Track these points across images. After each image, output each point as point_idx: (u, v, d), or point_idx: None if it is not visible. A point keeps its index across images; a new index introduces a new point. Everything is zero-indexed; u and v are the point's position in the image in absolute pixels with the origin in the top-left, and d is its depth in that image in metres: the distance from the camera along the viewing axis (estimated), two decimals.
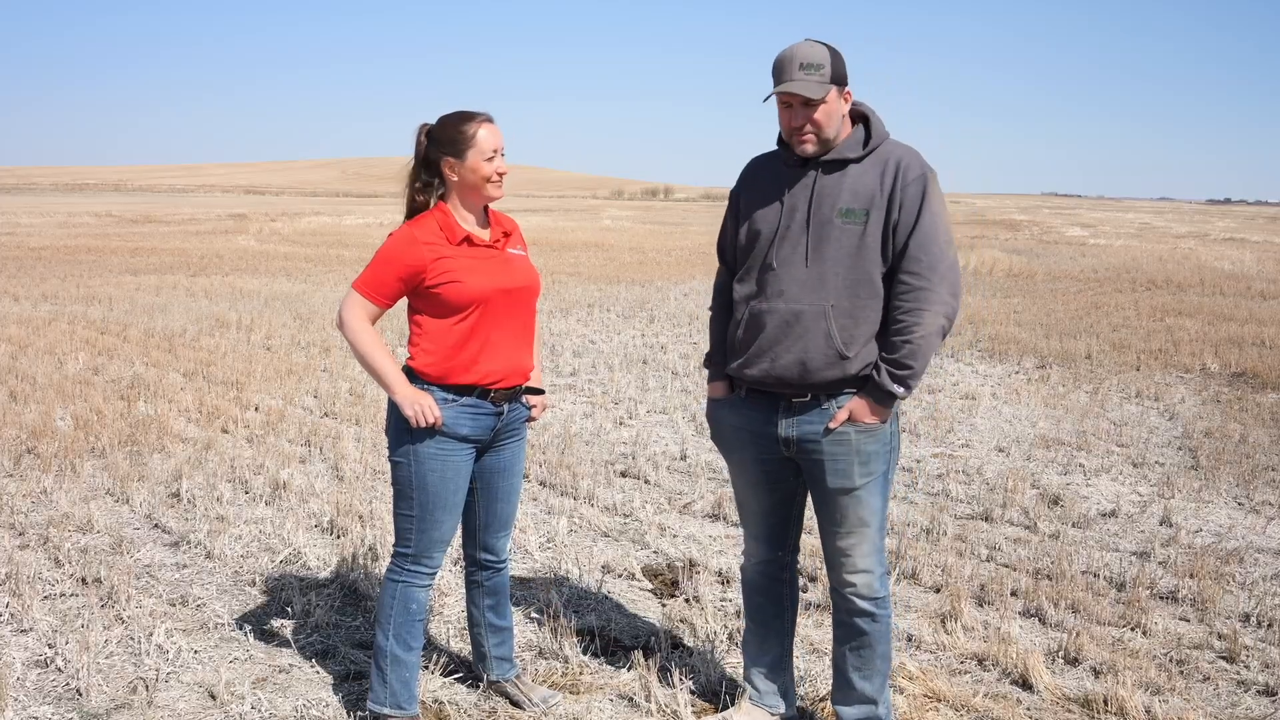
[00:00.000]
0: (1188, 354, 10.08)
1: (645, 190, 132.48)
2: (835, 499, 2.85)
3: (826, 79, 2.71)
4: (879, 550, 2.90)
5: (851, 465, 2.81)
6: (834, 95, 2.73)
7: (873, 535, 2.87)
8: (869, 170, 2.76)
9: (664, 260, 21.20)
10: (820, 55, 2.71)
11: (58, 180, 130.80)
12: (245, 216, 37.83)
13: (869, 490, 2.84)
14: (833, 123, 2.75)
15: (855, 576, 2.89)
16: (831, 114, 2.74)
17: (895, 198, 2.73)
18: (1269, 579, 4.47)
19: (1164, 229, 42.42)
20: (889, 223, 2.73)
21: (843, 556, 2.89)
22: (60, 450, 5.96)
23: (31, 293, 13.82)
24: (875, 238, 2.74)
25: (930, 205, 2.73)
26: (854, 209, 2.74)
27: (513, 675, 3.35)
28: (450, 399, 2.96)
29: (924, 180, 2.74)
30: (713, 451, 6.37)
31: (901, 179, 2.73)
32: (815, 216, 2.77)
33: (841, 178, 2.77)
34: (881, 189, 2.74)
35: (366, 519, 4.92)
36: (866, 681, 2.96)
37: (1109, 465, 6.25)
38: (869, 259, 2.74)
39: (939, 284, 2.71)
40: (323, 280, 16.22)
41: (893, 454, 2.88)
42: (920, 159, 2.79)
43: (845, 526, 2.87)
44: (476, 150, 2.91)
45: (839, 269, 2.74)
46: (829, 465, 2.82)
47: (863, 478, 2.82)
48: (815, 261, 2.76)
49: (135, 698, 3.29)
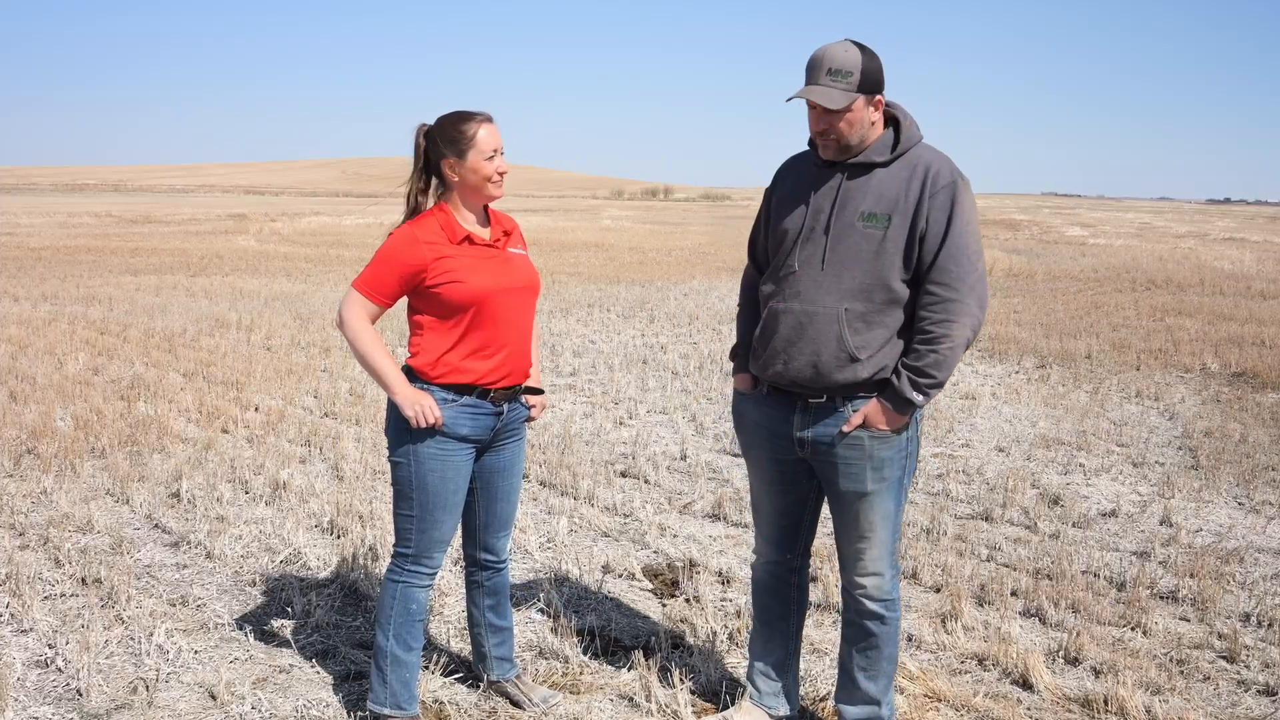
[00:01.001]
0: (1188, 354, 10.08)
1: (645, 190, 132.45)
2: (848, 502, 2.85)
3: (853, 87, 2.66)
4: (891, 554, 2.90)
5: (864, 470, 2.80)
6: (860, 104, 2.68)
7: (885, 539, 2.87)
8: (896, 175, 2.72)
9: (664, 260, 21.20)
10: (852, 62, 2.65)
11: (57, 180, 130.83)
12: (245, 216, 37.83)
13: (881, 495, 2.83)
14: (856, 131, 2.71)
15: (866, 579, 2.89)
16: (856, 122, 2.70)
17: (923, 206, 2.68)
18: (1269, 579, 4.47)
19: (1164, 229, 42.42)
20: (914, 230, 2.69)
21: (855, 559, 2.90)
22: (60, 450, 5.96)
23: (31, 293, 13.81)
24: (897, 243, 2.70)
25: (961, 214, 2.68)
26: (876, 213, 2.71)
27: (513, 675, 3.35)
28: (450, 399, 2.95)
29: (954, 188, 2.69)
30: (712, 451, 6.37)
31: (930, 186, 2.69)
32: (837, 219, 2.74)
33: (867, 181, 2.74)
34: (907, 195, 2.70)
35: (366, 519, 4.92)
36: (871, 682, 2.96)
37: (1109, 465, 6.25)
38: (888, 264, 2.71)
39: (968, 295, 2.68)
40: (323, 280, 16.22)
41: (909, 460, 2.87)
42: (951, 166, 2.73)
43: (858, 530, 2.87)
44: (477, 150, 2.91)
45: (855, 272, 2.72)
46: (842, 469, 2.82)
47: (875, 483, 2.82)
48: (832, 264, 2.74)
49: (135, 698, 3.29)
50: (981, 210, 16.02)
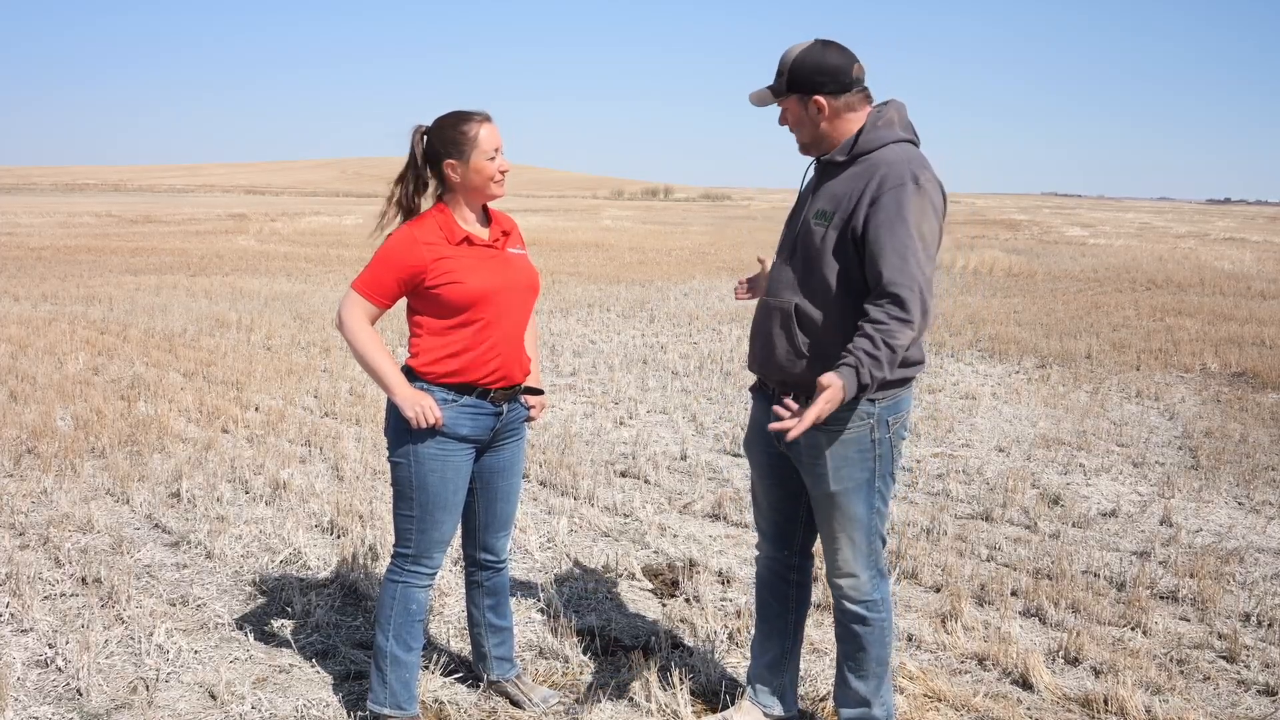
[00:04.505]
0: (1188, 354, 10.08)
1: (645, 190, 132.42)
2: (818, 501, 2.87)
3: (782, 86, 2.73)
4: (867, 556, 2.86)
5: (825, 470, 2.79)
6: (793, 104, 2.75)
7: (858, 541, 2.84)
8: (852, 175, 2.72)
9: (664, 260, 21.19)
10: (784, 62, 2.73)
11: (58, 180, 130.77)
12: (245, 216, 37.82)
13: (847, 497, 2.80)
14: (803, 130, 2.78)
15: (842, 580, 2.90)
16: (798, 121, 2.77)
17: (860, 208, 2.63)
18: (1269, 579, 4.47)
19: (1164, 229, 42.40)
20: (848, 230, 2.65)
21: (830, 559, 2.91)
22: (60, 450, 5.96)
23: (31, 293, 13.81)
24: (833, 241, 2.68)
25: (905, 218, 2.57)
26: (825, 210, 2.73)
27: (513, 675, 3.36)
28: (450, 399, 2.95)
29: (901, 191, 2.59)
30: (712, 451, 6.38)
31: (877, 188, 2.62)
32: (804, 216, 2.81)
33: (829, 181, 2.78)
34: (851, 196, 2.67)
35: (366, 519, 4.92)
36: (861, 682, 2.96)
37: (1109, 465, 6.25)
38: (826, 263, 2.70)
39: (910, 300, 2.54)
40: (323, 280, 16.21)
41: (879, 463, 2.80)
42: (905, 169, 2.63)
43: (828, 529, 2.87)
44: (479, 150, 2.91)
45: (802, 270, 2.77)
46: (806, 467, 2.84)
47: (837, 483, 2.79)
48: (794, 260, 2.81)
49: (135, 698, 3.29)
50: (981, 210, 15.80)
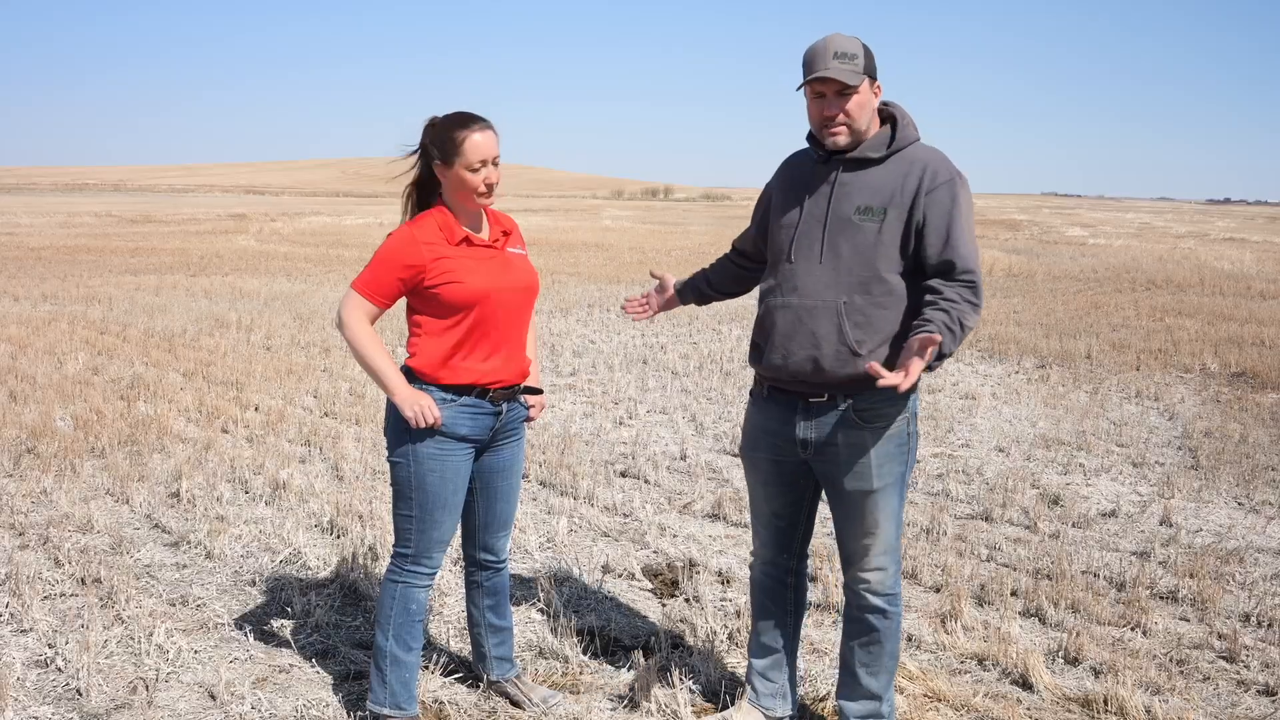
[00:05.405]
0: (1188, 354, 10.08)
1: (645, 190, 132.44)
2: (853, 500, 2.85)
3: (860, 69, 2.71)
4: (894, 549, 2.90)
5: (869, 468, 2.80)
6: (866, 86, 2.73)
7: (889, 534, 2.88)
8: (892, 171, 2.75)
9: (664, 260, 21.18)
10: (854, 46, 2.72)
11: (58, 180, 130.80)
12: (245, 216, 37.83)
13: (885, 492, 2.83)
14: (864, 114, 2.74)
15: (870, 574, 2.90)
16: (864, 105, 2.74)
17: (919, 200, 2.70)
18: (1269, 579, 4.47)
19: (1164, 229, 42.41)
20: (910, 224, 2.71)
21: (860, 555, 2.90)
22: (60, 450, 5.96)
23: (31, 293, 13.81)
24: (893, 235, 2.72)
25: (960, 210, 2.71)
26: (872, 206, 2.73)
27: (513, 675, 3.35)
28: (449, 399, 2.95)
29: (954, 184, 2.72)
30: (712, 451, 6.37)
31: (929, 181, 2.71)
32: (834, 214, 2.77)
33: (862, 176, 2.76)
34: (904, 189, 2.72)
35: (366, 519, 4.92)
36: (873, 678, 2.96)
37: (1109, 465, 6.25)
38: (884, 257, 2.72)
39: (969, 288, 2.68)
40: (323, 280, 16.21)
41: (910, 455, 2.88)
42: (949, 164, 2.76)
43: (863, 527, 2.87)
44: (463, 160, 2.88)
45: (853, 266, 2.74)
46: (846, 468, 2.82)
47: (880, 480, 2.82)
48: (830, 258, 2.76)
49: (135, 698, 3.29)
50: (981, 210, 15.90)
